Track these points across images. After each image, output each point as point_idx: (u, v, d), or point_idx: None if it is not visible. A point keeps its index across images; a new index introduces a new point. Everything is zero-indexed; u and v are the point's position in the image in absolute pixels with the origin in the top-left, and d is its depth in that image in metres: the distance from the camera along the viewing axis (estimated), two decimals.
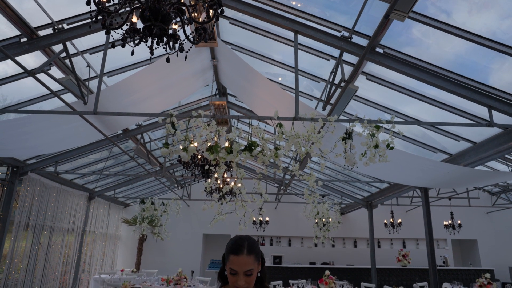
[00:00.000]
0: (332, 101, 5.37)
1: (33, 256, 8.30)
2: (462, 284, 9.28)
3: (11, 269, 7.52)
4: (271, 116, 4.12)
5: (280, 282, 9.38)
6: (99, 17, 2.32)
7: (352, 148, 4.06)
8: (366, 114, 6.12)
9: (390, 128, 4.02)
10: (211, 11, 2.50)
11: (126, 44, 2.82)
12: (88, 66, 5.30)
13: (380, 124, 4.00)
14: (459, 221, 12.07)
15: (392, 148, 3.91)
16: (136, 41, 2.46)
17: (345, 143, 3.98)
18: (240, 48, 5.96)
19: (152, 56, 2.49)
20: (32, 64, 5.15)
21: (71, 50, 4.90)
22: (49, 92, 5.79)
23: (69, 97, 5.38)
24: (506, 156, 7.24)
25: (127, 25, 2.46)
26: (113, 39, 2.52)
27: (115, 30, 2.42)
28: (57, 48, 4.75)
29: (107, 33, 2.37)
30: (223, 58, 6.04)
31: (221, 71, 6.68)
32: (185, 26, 2.56)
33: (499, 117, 4.64)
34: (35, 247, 8.38)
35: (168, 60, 2.50)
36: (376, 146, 3.99)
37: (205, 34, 2.66)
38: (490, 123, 4.35)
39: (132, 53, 2.43)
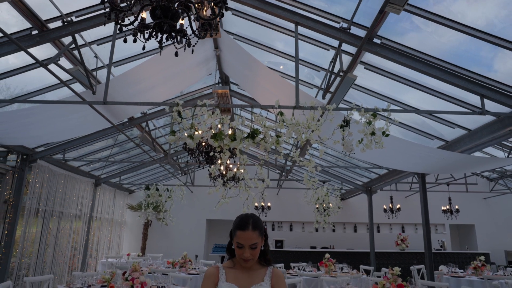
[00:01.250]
0: (332, 89, 5.54)
1: (43, 241, 8.60)
2: (458, 267, 9.57)
3: (23, 253, 7.83)
4: (272, 104, 4.31)
5: (282, 265, 9.69)
6: (112, 15, 2.50)
7: (350, 135, 4.26)
8: (365, 102, 6.34)
9: (387, 116, 4.21)
10: (216, 8, 2.67)
11: (134, 37, 3.01)
12: (96, 56, 5.47)
13: (377, 112, 4.19)
14: (456, 206, 12.34)
15: (387, 135, 4.11)
16: (146, 36, 2.65)
17: (343, 130, 4.18)
18: (242, 38, 6.12)
19: (160, 49, 2.68)
20: (38, 55, 5.34)
21: (79, 42, 5.07)
22: (53, 83, 6.03)
23: (76, 87, 5.57)
24: (503, 142, 7.45)
25: (137, 20, 2.65)
26: (125, 34, 2.71)
27: (127, 27, 2.61)
28: (66, 40, 4.93)
29: (120, 30, 2.56)
30: (226, 48, 6.21)
31: (224, 61, 6.84)
32: (192, 21, 2.74)
33: (492, 106, 4.83)
34: (45, 232, 8.68)
35: (176, 54, 2.69)
36: (373, 133, 4.19)
37: (210, 29, 2.85)
38: (482, 111, 4.53)
39: (143, 48, 2.61)
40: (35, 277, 7.00)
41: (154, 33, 2.65)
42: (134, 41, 2.99)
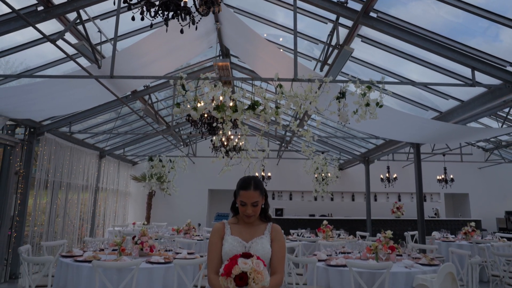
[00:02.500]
0: (330, 62, 5.71)
1: (53, 211, 8.99)
2: (450, 233, 10.01)
3: (35, 222, 8.23)
4: (272, 77, 4.51)
5: (283, 235, 10.13)
6: None
7: (345, 107, 4.49)
8: (363, 74, 6.52)
9: (380, 87, 4.42)
10: None
11: (141, 15, 3.19)
12: (99, 31, 5.61)
13: (372, 85, 4.40)
14: (451, 176, 12.70)
15: (381, 106, 4.33)
16: (152, 14, 2.84)
17: (339, 101, 4.40)
18: (242, 12, 6.22)
19: (166, 27, 2.87)
20: (43, 31, 5.46)
21: (83, 17, 5.20)
22: (53, 59, 6.18)
23: (80, 62, 5.73)
24: (498, 113, 7.67)
25: None
26: (132, 13, 2.89)
27: (134, 5, 2.79)
28: (70, 16, 5.06)
29: (129, 9, 2.74)
30: (226, 21, 6.32)
31: (224, 34, 6.96)
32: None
33: (485, 78, 5.02)
34: (55, 202, 9.05)
35: (182, 31, 2.87)
36: (367, 105, 4.41)
37: (212, 7, 3.02)
38: (473, 83, 4.73)
39: (151, 26, 2.80)
40: (50, 242, 7.41)
41: (160, 11, 2.84)
42: (142, 19, 3.18)
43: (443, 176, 12.66)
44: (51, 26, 5.28)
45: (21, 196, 7.76)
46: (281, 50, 6.68)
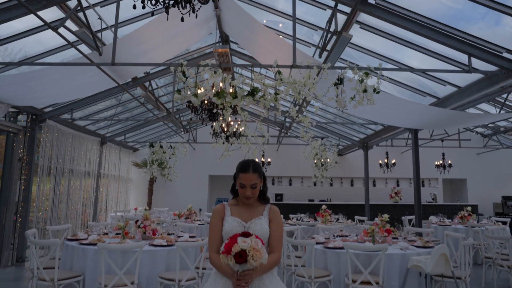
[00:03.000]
0: (329, 48, 5.75)
1: (57, 196, 9.14)
2: (446, 217, 10.18)
3: (39, 207, 8.38)
4: (271, 64, 4.57)
5: (281, 216, 10.30)
6: None
7: (343, 93, 4.57)
8: (362, 60, 6.57)
9: (378, 74, 4.49)
10: None
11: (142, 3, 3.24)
12: (100, 18, 5.64)
13: (369, 71, 4.47)
14: (449, 161, 12.83)
15: (378, 92, 4.41)
16: (153, 2, 2.90)
17: (337, 88, 4.47)
18: None
19: (167, 15, 2.93)
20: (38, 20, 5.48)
21: (84, 4, 5.22)
22: (52, 47, 6.22)
23: (81, 49, 5.77)
24: (497, 98, 7.74)
25: None
26: (134, 1, 2.95)
27: None
28: (71, 3, 5.09)
29: None
30: (226, 7, 6.33)
31: (223, 20, 6.97)
32: None
33: (480, 64, 5.08)
34: (58, 188, 9.20)
35: (182, 19, 2.94)
36: (365, 91, 4.49)
37: None
38: (469, 70, 4.79)
39: (152, 14, 2.87)
40: (56, 226, 7.57)
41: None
42: (143, 7, 3.24)
43: (441, 162, 12.78)
44: (51, 13, 5.31)
45: (25, 182, 7.89)
46: (280, 36, 6.71)
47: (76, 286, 4.63)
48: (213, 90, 4.77)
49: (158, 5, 2.90)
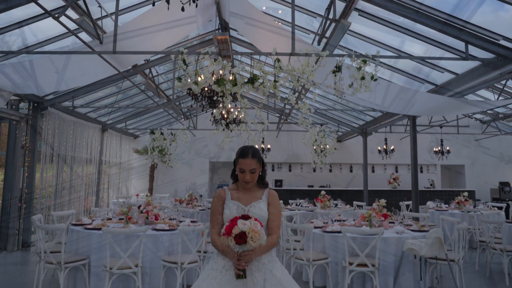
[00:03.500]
0: (328, 35, 5.79)
1: (59, 183, 9.28)
2: (444, 202, 10.34)
3: (43, 194, 8.52)
4: (270, 51, 4.62)
5: (281, 201, 10.47)
6: None
7: (341, 80, 4.63)
8: (361, 47, 6.60)
9: (376, 61, 4.55)
10: None
11: None
12: (100, 6, 5.66)
13: (367, 59, 4.52)
14: (447, 148, 12.93)
15: (376, 79, 4.48)
16: None
17: (335, 75, 4.54)
18: None
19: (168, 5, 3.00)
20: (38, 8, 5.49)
21: None
22: (51, 36, 6.24)
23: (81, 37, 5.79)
24: (496, 85, 7.79)
25: None
26: None
27: None
28: None
29: None
30: None
31: (223, 7, 6.97)
32: None
33: (477, 52, 5.13)
34: (60, 175, 9.33)
35: (183, 9, 3.00)
36: (363, 78, 4.56)
37: None
38: (466, 57, 4.85)
39: (153, 4, 2.93)
40: (60, 211, 7.72)
41: None
42: None
43: (439, 148, 12.89)
44: (51, 2, 5.34)
45: (29, 169, 8.02)
46: (280, 23, 6.73)
47: (82, 269, 4.79)
48: (213, 78, 4.84)
49: None
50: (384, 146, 12.84)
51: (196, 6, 3.16)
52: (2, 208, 7.70)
